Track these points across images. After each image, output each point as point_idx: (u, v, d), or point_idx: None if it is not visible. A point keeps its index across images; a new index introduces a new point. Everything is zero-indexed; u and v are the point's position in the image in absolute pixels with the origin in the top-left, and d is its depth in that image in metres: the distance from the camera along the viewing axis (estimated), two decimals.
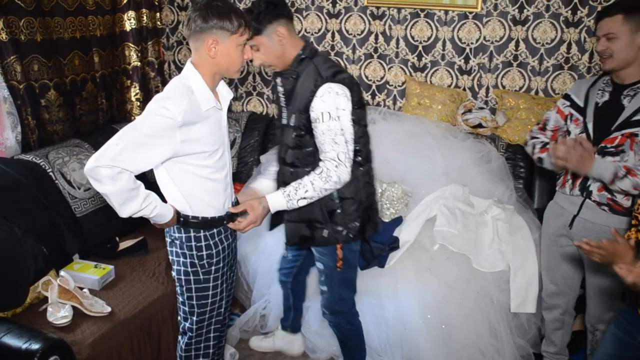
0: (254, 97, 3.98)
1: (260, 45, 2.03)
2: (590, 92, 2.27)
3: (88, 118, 3.28)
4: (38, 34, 2.82)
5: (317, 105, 1.96)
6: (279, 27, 2.01)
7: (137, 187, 1.73)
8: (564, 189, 2.35)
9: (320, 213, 2.12)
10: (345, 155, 1.98)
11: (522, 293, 2.60)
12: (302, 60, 2.05)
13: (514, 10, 3.22)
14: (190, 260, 1.92)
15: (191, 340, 2.04)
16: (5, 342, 1.97)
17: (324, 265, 2.26)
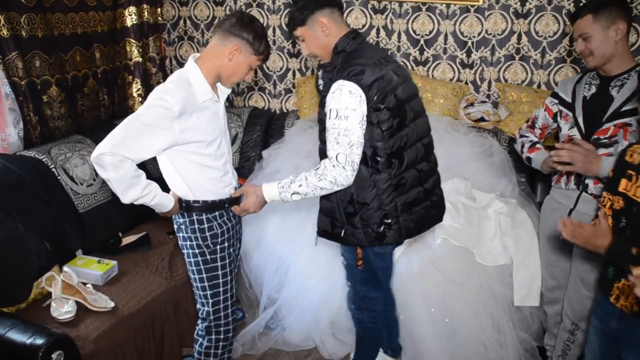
0: (256, 92, 3.98)
1: (304, 35, 2.02)
2: (576, 87, 2.29)
3: (90, 114, 3.28)
4: (39, 30, 2.82)
5: (328, 101, 1.92)
6: (322, 17, 1.97)
7: (138, 175, 1.83)
8: (559, 184, 2.36)
9: (339, 214, 2.08)
10: (346, 158, 1.89)
11: (526, 286, 2.60)
12: (338, 54, 2.00)
13: (516, 3, 3.21)
14: (197, 242, 2.02)
15: (210, 323, 2.13)
16: (10, 337, 1.98)
17: (346, 261, 2.25)
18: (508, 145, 3.23)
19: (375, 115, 1.91)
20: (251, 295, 3.01)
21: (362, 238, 2.06)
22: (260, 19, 3.77)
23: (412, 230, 2.11)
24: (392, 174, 2.00)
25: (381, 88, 1.90)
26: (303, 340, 2.81)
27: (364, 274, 2.22)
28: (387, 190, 2.00)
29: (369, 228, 2.04)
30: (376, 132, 1.93)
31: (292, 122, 3.61)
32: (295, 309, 2.79)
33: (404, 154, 2.01)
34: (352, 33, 2.01)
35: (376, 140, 1.94)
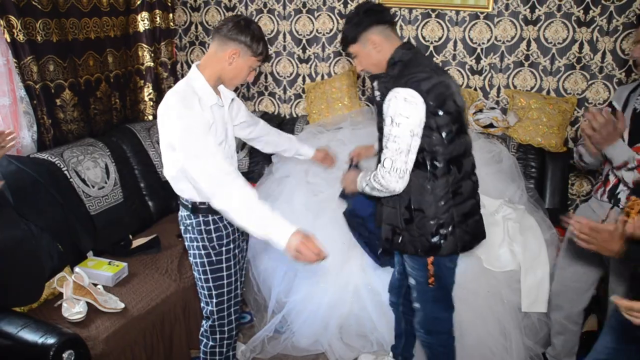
0: (266, 97, 4.01)
1: (356, 53, 2.03)
2: (630, 96, 2.21)
3: (102, 117, 3.32)
4: (54, 35, 2.86)
5: (384, 109, 1.92)
6: (372, 35, 1.97)
7: None
8: (597, 194, 2.33)
9: (399, 219, 2.05)
10: (392, 164, 1.88)
11: (533, 293, 2.59)
12: (394, 64, 1.98)
13: (526, 10, 3.22)
14: (202, 244, 2.05)
15: (214, 323, 2.15)
16: (22, 336, 2.01)
17: (415, 280, 2.14)
18: (516, 151, 3.24)
19: (434, 120, 1.90)
20: (259, 298, 3.02)
21: (418, 247, 2.03)
22: (271, 25, 3.80)
23: (467, 243, 2.07)
24: (449, 181, 1.98)
25: (440, 92, 1.89)
26: (312, 344, 2.81)
27: (435, 292, 2.12)
28: (443, 198, 1.98)
29: (424, 237, 2.01)
30: (435, 137, 1.92)
31: (302, 127, 3.63)
32: (304, 313, 2.80)
33: (462, 161, 2.01)
34: (407, 44, 2.02)
35: (435, 144, 1.93)
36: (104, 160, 2.98)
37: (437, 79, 1.90)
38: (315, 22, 3.70)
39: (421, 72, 1.89)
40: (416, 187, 1.97)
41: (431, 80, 1.88)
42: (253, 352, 2.79)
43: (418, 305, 2.18)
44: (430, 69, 1.94)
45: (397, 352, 2.57)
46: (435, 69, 1.96)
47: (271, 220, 1.77)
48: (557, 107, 3.18)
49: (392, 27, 2.04)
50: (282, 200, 3.06)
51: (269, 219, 1.77)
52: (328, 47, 3.72)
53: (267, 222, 1.77)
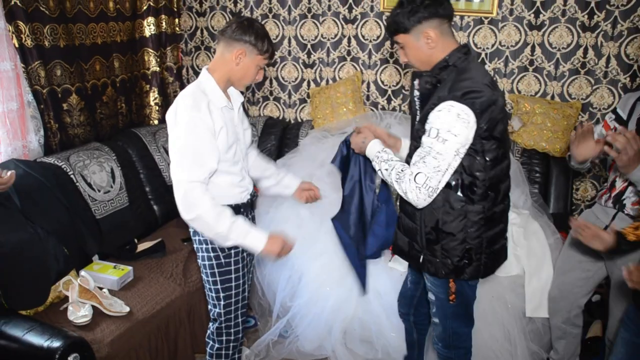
0: (271, 101, 4.02)
1: (406, 44, 1.84)
2: (636, 104, 2.21)
3: (108, 122, 3.34)
4: (61, 40, 2.89)
5: (431, 118, 1.73)
6: (429, 29, 1.78)
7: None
8: (600, 200, 2.33)
9: (420, 237, 1.93)
10: (425, 181, 1.72)
11: (537, 297, 2.59)
12: (445, 67, 1.81)
13: (530, 15, 3.22)
14: (212, 246, 2.05)
15: (221, 325, 2.16)
16: (28, 339, 2.02)
17: (435, 296, 2.03)
18: (521, 156, 3.24)
19: (481, 144, 1.75)
20: (263, 303, 3.03)
21: (440, 268, 1.91)
22: (276, 30, 3.82)
23: (489, 269, 1.98)
24: (485, 207, 1.84)
25: (493, 116, 1.74)
26: (316, 349, 2.81)
27: (455, 308, 2.01)
28: (476, 224, 1.85)
29: (448, 259, 1.89)
30: (478, 161, 1.78)
31: (307, 131, 3.65)
32: (308, 316, 2.80)
33: (500, 186, 1.88)
34: (463, 48, 1.84)
35: (477, 170, 1.78)
36: (110, 165, 3.00)
37: (491, 97, 1.73)
38: (320, 27, 3.72)
39: (477, 87, 1.72)
40: (448, 209, 1.84)
41: (486, 100, 1.71)
42: (257, 356, 2.80)
43: (437, 320, 2.08)
44: (484, 83, 1.76)
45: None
46: (489, 84, 1.78)
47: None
48: (562, 112, 3.18)
49: (449, 24, 1.84)
50: (287, 206, 3.07)
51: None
52: (333, 52, 3.74)
53: (238, 235, 1.95)
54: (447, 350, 2.13)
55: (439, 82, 1.81)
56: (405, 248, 2.03)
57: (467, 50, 1.85)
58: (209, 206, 1.88)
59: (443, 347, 2.13)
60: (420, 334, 2.41)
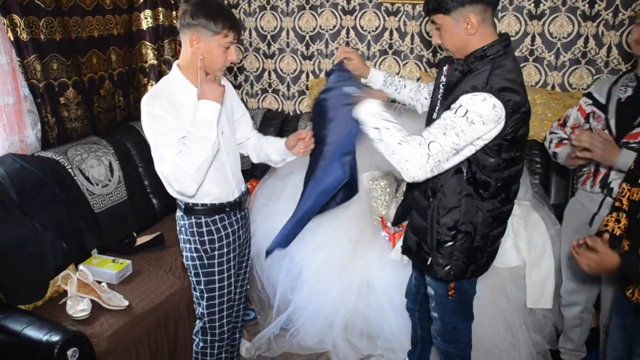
0: (270, 94, 4.00)
1: (443, 25, 1.73)
2: (612, 89, 2.24)
3: (106, 116, 3.32)
4: (57, 33, 2.86)
5: (463, 100, 1.63)
6: (472, 14, 1.66)
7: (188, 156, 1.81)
8: (584, 186, 2.32)
9: (430, 238, 1.89)
10: (438, 152, 1.62)
11: (539, 289, 2.58)
12: (481, 58, 1.71)
13: (530, 5, 3.20)
14: (195, 246, 2.01)
15: (205, 325, 2.12)
16: (27, 333, 2.02)
17: (434, 291, 2.02)
18: None
19: (500, 145, 1.70)
20: (263, 296, 3.02)
21: (444, 274, 1.89)
22: (274, 21, 3.80)
23: (485, 267, 1.98)
24: (495, 206, 1.81)
25: (521, 118, 1.68)
26: (317, 343, 2.80)
27: (454, 304, 2.01)
28: (485, 221, 1.82)
29: (458, 261, 1.86)
30: (494, 161, 1.73)
31: (306, 124, 3.63)
32: (308, 310, 2.79)
33: (512, 187, 1.85)
34: (504, 40, 1.73)
35: (492, 169, 1.74)
36: (108, 158, 2.99)
37: (523, 99, 1.68)
38: (319, 18, 3.69)
39: (514, 86, 1.65)
40: (469, 207, 1.80)
41: (519, 101, 1.65)
42: (259, 349, 2.80)
43: (436, 315, 2.08)
44: (519, 83, 1.70)
45: (414, 358, 2.50)
46: (522, 84, 1.72)
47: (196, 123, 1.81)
48: (562, 102, 3.15)
49: (492, 12, 1.73)
50: (285, 198, 3.06)
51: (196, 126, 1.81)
52: (331, 44, 3.71)
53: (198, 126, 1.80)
54: (446, 344, 2.12)
55: (470, 72, 1.73)
56: (414, 248, 2.00)
57: (507, 43, 1.74)
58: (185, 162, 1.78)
59: (442, 342, 2.13)
60: (424, 332, 2.39)
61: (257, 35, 3.91)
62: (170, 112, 1.82)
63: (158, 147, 1.82)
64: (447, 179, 1.79)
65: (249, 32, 3.93)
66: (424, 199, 1.89)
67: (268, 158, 2.23)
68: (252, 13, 3.87)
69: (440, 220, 1.83)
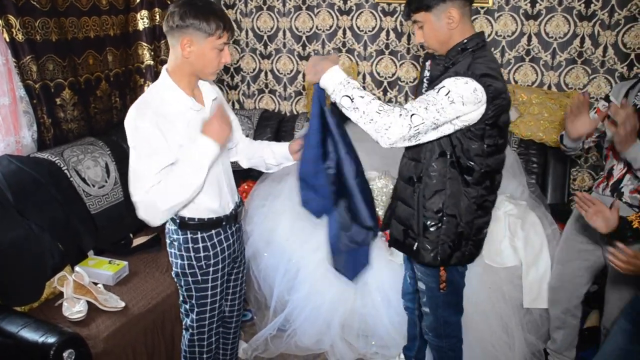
0: (266, 94, 4.00)
1: (425, 23, 1.78)
2: (630, 93, 2.22)
3: (102, 117, 3.32)
4: (53, 34, 2.86)
5: (446, 82, 1.69)
6: (452, 8, 1.74)
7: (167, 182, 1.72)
8: (598, 189, 2.32)
9: (416, 224, 1.92)
10: (419, 125, 1.65)
11: (535, 289, 2.58)
12: (462, 51, 1.78)
13: (526, 5, 3.20)
14: (188, 262, 1.93)
15: (193, 337, 2.06)
16: (23, 335, 2.01)
17: (425, 285, 2.05)
18: (518, 147, 3.22)
19: (483, 130, 1.75)
20: (259, 296, 3.02)
21: (431, 259, 1.92)
22: (271, 22, 3.80)
23: (473, 256, 2.00)
24: (479, 193, 1.86)
25: (502, 105, 1.74)
26: (315, 343, 2.80)
27: (446, 297, 2.04)
28: (470, 207, 1.87)
29: (444, 245, 1.90)
30: (478, 146, 1.78)
31: (302, 124, 3.63)
32: (306, 311, 2.79)
33: (495, 177, 1.90)
34: (481, 34, 1.83)
35: (476, 154, 1.79)
36: (104, 159, 2.98)
37: (503, 86, 1.74)
38: (315, 18, 3.69)
39: (494, 73, 1.72)
40: (454, 191, 1.85)
41: (500, 87, 1.72)
42: (255, 350, 2.79)
43: (428, 309, 2.10)
44: (499, 72, 1.78)
45: (410, 354, 2.52)
46: (500, 73, 1.79)
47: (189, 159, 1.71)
48: (559, 102, 3.16)
49: (470, 8, 1.82)
50: (283, 198, 3.06)
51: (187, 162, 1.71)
52: (328, 44, 3.71)
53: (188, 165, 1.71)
54: (439, 339, 2.15)
55: (452, 64, 1.78)
56: (401, 237, 2.01)
57: (484, 37, 1.83)
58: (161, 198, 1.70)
59: (434, 337, 2.15)
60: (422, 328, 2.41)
61: (254, 35, 3.91)
62: (160, 128, 1.70)
63: (137, 168, 1.72)
64: (431, 162, 1.84)
65: (245, 33, 3.93)
66: (409, 186, 1.94)
67: (263, 162, 2.14)
68: (248, 13, 3.87)
69: (426, 204, 1.88)
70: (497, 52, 3.33)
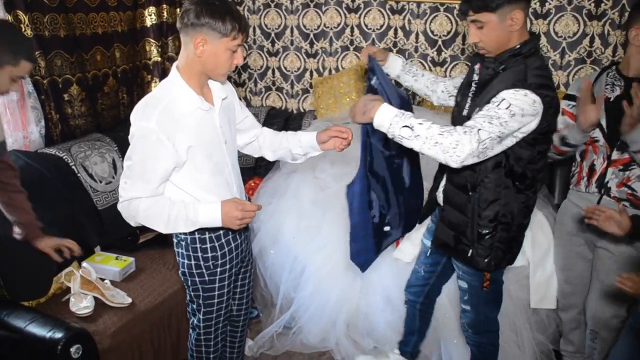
0: (273, 91, 4.00)
1: (487, 23, 1.73)
2: (595, 87, 2.20)
3: (109, 113, 3.32)
4: (61, 30, 2.86)
5: (505, 94, 1.67)
6: (517, 10, 1.70)
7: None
8: (578, 186, 2.30)
9: (470, 231, 1.92)
10: (486, 139, 1.63)
11: (542, 289, 2.58)
12: (514, 55, 1.76)
13: (536, 4, 3.18)
14: (196, 262, 1.91)
15: (200, 336, 2.05)
16: (30, 330, 2.01)
17: (468, 284, 2.06)
18: None
19: (536, 138, 1.76)
20: (266, 294, 3.02)
21: (486, 264, 1.93)
22: (278, 19, 3.79)
23: (514, 258, 2.03)
24: (529, 197, 1.89)
25: (553, 113, 1.76)
26: (320, 341, 2.80)
27: (488, 294, 2.06)
28: (521, 212, 1.90)
29: (498, 251, 1.92)
30: (531, 153, 1.79)
31: (310, 122, 3.62)
32: (311, 308, 2.79)
33: (539, 177, 1.92)
34: (536, 38, 1.81)
35: (530, 161, 1.81)
36: (112, 155, 2.99)
37: (555, 95, 1.75)
38: (323, 16, 3.68)
39: (549, 83, 1.74)
40: (508, 199, 1.85)
41: (553, 97, 1.73)
42: (261, 347, 2.79)
43: (469, 307, 2.11)
44: (551, 79, 1.78)
45: (407, 348, 2.53)
46: (552, 80, 1.80)
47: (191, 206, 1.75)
48: None
49: (528, 11, 1.80)
50: (289, 196, 3.06)
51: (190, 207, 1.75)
52: (336, 42, 3.70)
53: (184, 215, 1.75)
54: (479, 335, 2.16)
55: (503, 70, 1.78)
56: (451, 242, 2.00)
57: (538, 41, 1.82)
58: (144, 212, 1.74)
59: (474, 334, 2.16)
60: (423, 323, 2.44)
61: (261, 32, 3.90)
62: (166, 130, 1.67)
63: (132, 173, 1.72)
64: (488, 174, 1.84)
65: (253, 30, 3.92)
66: (463, 193, 1.92)
67: (289, 153, 2.11)
68: (256, 10, 3.86)
69: (482, 214, 1.88)
70: None
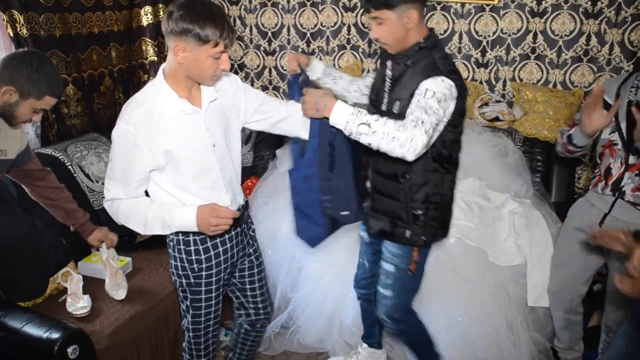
0: (270, 91, 3.99)
1: (385, 20, 1.86)
2: (622, 89, 2.20)
3: (106, 112, 3.32)
4: (57, 30, 2.86)
5: (427, 84, 1.80)
6: (412, 10, 1.84)
7: None
8: (596, 188, 2.30)
9: (405, 214, 2.01)
10: (430, 128, 1.75)
11: (540, 287, 2.58)
12: (421, 49, 1.89)
13: (532, 2, 3.19)
14: (181, 264, 1.89)
15: (190, 338, 2.03)
16: (27, 331, 2.00)
17: (395, 267, 2.11)
18: (522, 145, 3.21)
19: (454, 119, 1.88)
20: None
21: (422, 242, 2.04)
22: (275, 18, 3.78)
23: (445, 235, 2.14)
24: (455, 175, 2.05)
25: (464, 94, 1.90)
26: (317, 341, 2.79)
27: (412, 280, 2.16)
28: (450, 190, 2.05)
29: (431, 229, 2.04)
30: (454, 135, 1.94)
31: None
32: (308, 309, 2.79)
33: (459, 157, 2.06)
34: (434, 33, 1.97)
35: (453, 142, 1.96)
36: (108, 155, 2.97)
37: (462, 79, 1.90)
38: (320, 15, 3.68)
39: (456, 70, 1.90)
40: (436, 181, 1.98)
41: (462, 82, 1.88)
42: (259, 347, 2.79)
43: (391, 293, 2.15)
44: (455, 65, 1.94)
45: (373, 340, 2.57)
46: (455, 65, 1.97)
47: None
48: (564, 100, 3.15)
49: (424, 10, 1.98)
50: (286, 195, 3.04)
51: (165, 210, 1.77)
52: (332, 41, 3.70)
53: (164, 217, 1.76)
54: (398, 324, 2.22)
55: (412, 63, 1.90)
56: (388, 228, 2.08)
57: (436, 36, 1.98)
58: (124, 212, 1.79)
59: (394, 323, 2.21)
60: None
61: (258, 32, 3.89)
62: (144, 134, 1.65)
63: (114, 174, 1.75)
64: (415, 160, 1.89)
65: (249, 29, 3.92)
66: (392, 182, 2.02)
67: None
68: (252, 10, 3.85)
69: (414, 197, 1.99)
70: (502, 50, 3.31)
